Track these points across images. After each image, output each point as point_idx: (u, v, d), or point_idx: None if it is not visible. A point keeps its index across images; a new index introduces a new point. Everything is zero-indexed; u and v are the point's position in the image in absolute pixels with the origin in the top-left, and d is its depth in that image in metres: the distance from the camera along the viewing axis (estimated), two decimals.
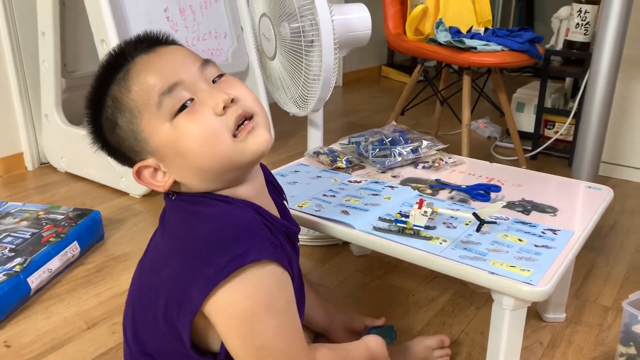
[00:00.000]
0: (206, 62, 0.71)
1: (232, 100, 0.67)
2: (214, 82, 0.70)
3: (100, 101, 0.69)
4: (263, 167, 0.84)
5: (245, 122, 0.68)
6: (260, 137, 0.68)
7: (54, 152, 2.04)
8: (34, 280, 1.26)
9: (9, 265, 1.25)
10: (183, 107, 0.66)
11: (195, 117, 0.66)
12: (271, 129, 0.80)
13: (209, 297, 0.62)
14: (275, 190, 0.87)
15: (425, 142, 1.26)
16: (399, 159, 1.21)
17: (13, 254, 1.30)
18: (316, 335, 1.04)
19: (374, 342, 0.85)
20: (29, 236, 1.38)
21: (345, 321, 1.04)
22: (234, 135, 0.67)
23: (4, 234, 1.39)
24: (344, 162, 1.21)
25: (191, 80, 0.67)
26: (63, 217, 1.49)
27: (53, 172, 2.04)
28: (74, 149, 1.95)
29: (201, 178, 0.69)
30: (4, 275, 1.21)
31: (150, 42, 0.70)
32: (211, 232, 0.65)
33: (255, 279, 0.63)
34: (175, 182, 0.71)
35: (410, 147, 1.24)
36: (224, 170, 0.68)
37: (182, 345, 0.67)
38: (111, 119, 0.69)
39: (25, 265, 1.26)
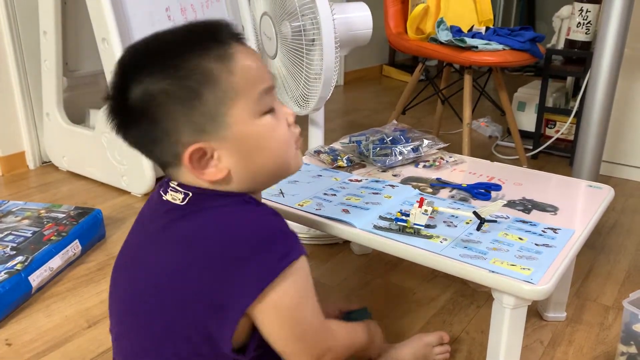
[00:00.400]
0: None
1: None
2: None
3: (179, 67, 0.65)
4: None
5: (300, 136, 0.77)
6: (301, 157, 0.78)
7: (56, 150, 2.04)
8: (35, 279, 1.27)
9: (10, 264, 1.25)
10: (270, 110, 0.71)
11: (276, 122, 0.71)
12: None
13: (257, 297, 0.65)
14: None
15: (426, 141, 1.26)
16: (400, 157, 1.21)
17: (14, 252, 1.30)
18: None
19: (373, 324, 0.93)
20: (31, 235, 1.39)
21: None
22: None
23: (5, 233, 1.39)
24: (345, 161, 1.21)
25: (274, 88, 0.73)
26: (64, 215, 1.49)
27: (54, 171, 2.05)
28: (76, 148, 1.96)
29: (255, 176, 0.72)
30: (5, 273, 1.21)
31: (239, 35, 0.71)
32: (252, 234, 0.67)
33: (297, 274, 0.67)
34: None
35: (411, 146, 1.24)
36: (277, 175, 0.75)
37: (213, 350, 0.67)
38: (194, 88, 0.65)
39: (26, 263, 1.26)
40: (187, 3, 1.96)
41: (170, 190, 0.72)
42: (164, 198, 0.73)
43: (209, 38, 0.67)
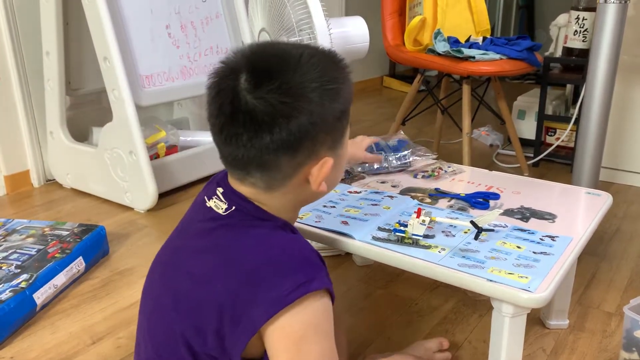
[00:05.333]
0: None
1: None
2: None
3: (334, 84, 0.70)
4: None
5: None
6: None
7: (60, 168, 2.06)
8: (40, 296, 1.28)
9: (15, 282, 1.26)
10: None
11: None
12: None
13: (271, 318, 0.65)
14: None
15: (415, 151, 1.27)
16: (385, 164, 1.22)
17: (19, 270, 1.31)
18: None
19: None
20: (35, 252, 1.40)
21: None
22: None
23: (10, 251, 1.41)
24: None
25: None
26: (68, 233, 1.50)
27: (59, 189, 2.06)
28: (79, 165, 1.98)
29: (321, 194, 0.76)
30: (10, 291, 1.23)
31: None
32: (280, 257, 0.68)
33: (314, 305, 0.67)
34: (264, 194, 0.73)
35: (400, 154, 1.25)
36: (317, 198, 0.79)
37: (225, 356, 0.69)
38: (341, 107, 0.72)
39: (31, 281, 1.27)
40: (187, 20, 1.99)
41: (215, 197, 0.74)
42: (207, 204, 0.75)
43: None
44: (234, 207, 0.72)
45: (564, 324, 1.22)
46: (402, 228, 0.93)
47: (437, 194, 1.13)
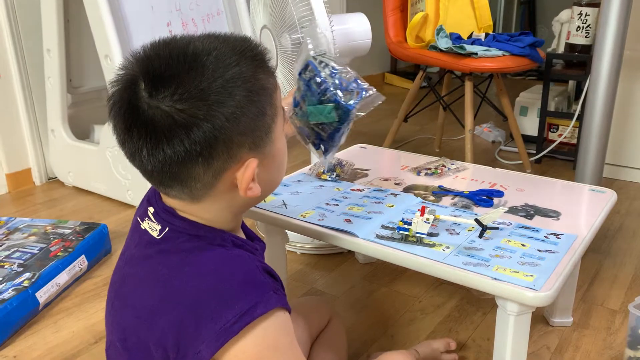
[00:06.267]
0: None
1: None
2: None
3: (243, 82, 0.62)
4: None
5: None
6: None
7: (61, 166, 2.06)
8: (43, 295, 1.27)
9: (17, 281, 1.26)
10: None
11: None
12: None
13: (218, 351, 0.61)
14: None
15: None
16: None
17: (22, 269, 1.31)
18: None
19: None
20: (37, 251, 1.40)
21: None
22: None
23: (12, 250, 1.41)
24: (329, 177, 1.20)
25: None
26: (70, 231, 1.50)
27: (60, 187, 2.06)
28: (81, 163, 1.97)
29: (270, 190, 0.73)
30: (13, 290, 1.22)
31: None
32: (220, 285, 0.62)
33: (264, 327, 0.62)
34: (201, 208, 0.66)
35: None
36: (264, 197, 0.73)
37: None
38: (258, 104, 0.63)
39: (33, 280, 1.27)
40: (188, 17, 1.99)
41: (147, 219, 0.69)
42: (141, 226, 0.69)
43: (267, 56, 0.68)
44: (167, 229, 0.67)
45: (568, 322, 1.22)
46: (405, 226, 0.92)
47: (441, 192, 1.13)
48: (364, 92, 0.87)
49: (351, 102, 0.85)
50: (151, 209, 0.69)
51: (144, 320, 0.66)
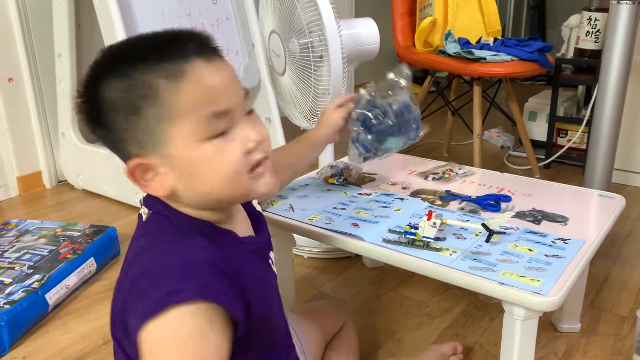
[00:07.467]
0: (247, 93, 0.69)
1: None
2: (247, 113, 0.69)
3: (130, 77, 0.63)
4: None
5: (265, 161, 0.69)
6: (270, 181, 0.70)
7: (71, 170, 2.08)
8: (52, 297, 1.29)
9: (27, 282, 1.27)
10: (220, 134, 0.65)
11: (225, 149, 0.65)
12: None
13: (141, 328, 0.60)
14: None
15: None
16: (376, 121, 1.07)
17: (32, 270, 1.32)
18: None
19: None
20: (47, 253, 1.41)
21: None
22: (249, 171, 0.67)
23: (23, 251, 1.42)
24: (337, 181, 1.20)
25: (237, 108, 0.66)
26: (80, 233, 1.51)
27: (70, 190, 2.08)
28: (90, 167, 1.99)
29: (202, 199, 0.68)
30: (22, 292, 1.24)
31: (209, 49, 0.67)
32: (161, 265, 0.62)
33: (180, 319, 0.59)
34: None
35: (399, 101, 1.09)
36: (228, 201, 0.70)
37: None
38: (133, 101, 0.63)
39: (43, 281, 1.28)
40: (197, 22, 2.00)
41: (141, 204, 0.72)
42: (140, 211, 0.72)
43: (170, 51, 0.63)
44: (151, 212, 0.70)
45: (576, 327, 1.21)
46: (412, 230, 0.92)
47: (448, 196, 1.13)
48: (419, 132, 1.15)
49: (409, 141, 1.11)
50: (143, 194, 0.72)
51: (114, 296, 0.68)
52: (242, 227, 0.76)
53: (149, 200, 0.70)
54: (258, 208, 0.84)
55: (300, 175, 1.05)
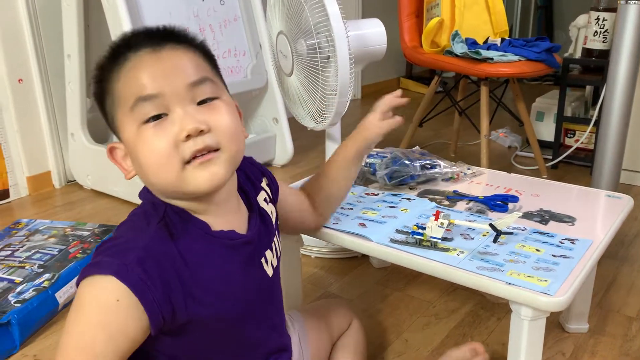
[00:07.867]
0: (202, 82, 0.68)
1: (202, 131, 0.66)
2: (201, 102, 0.68)
3: (100, 67, 0.71)
4: (244, 158, 0.79)
5: (208, 153, 0.67)
6: (211, 173, 0.67)
7: (80, 170, 2.09)
8: (62, 295, 1.30)
9: (38, 281, 1.28)
10: (156, 117, 0.66)
11: (157, 135, 0.66)
12: (231, 163, 0.72)
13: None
14: (249, 182, 0.84)
15: (442, 163, 1.25)
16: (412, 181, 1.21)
17: (42, 269, 1.34)
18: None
19: None
20: (57, 252, 1.42)
21: None
22: (188, 162, 0.66)
23: (33, 251, 1.43)
24: None
25: (173, 95, 0.66)
26: (89, 233, 1.53)
27: (79, 190, 2.10)
28: (99, 167, 2.00)
29: (150, 185, 0.72)
30: (33, 290, 1.25)
31: (162, 37, 0.69)
32: (112, 243, 0.67)
33: (89, 288, 0.65)
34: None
35: (425, 163, 1.22)
36: (168, 192, 0.70)
37: None
38: (101, 93, 0.71)
39: (53, 280, 1.29)
40: (205, 23, 2.01)
41: None
42: None
43: (125, 42, 0.69)
44: (143, 196, 0.75)
45: (584, 328, 1.21)
46: (420, 230, 0.93)
47: (456, 197, 1.13)
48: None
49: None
50: None
51: None
52: (228, 219, 0.74)
53: (145, 187, 0.75)
54: (264, 206, 0.83)
55: (346, 195, 1.03)
